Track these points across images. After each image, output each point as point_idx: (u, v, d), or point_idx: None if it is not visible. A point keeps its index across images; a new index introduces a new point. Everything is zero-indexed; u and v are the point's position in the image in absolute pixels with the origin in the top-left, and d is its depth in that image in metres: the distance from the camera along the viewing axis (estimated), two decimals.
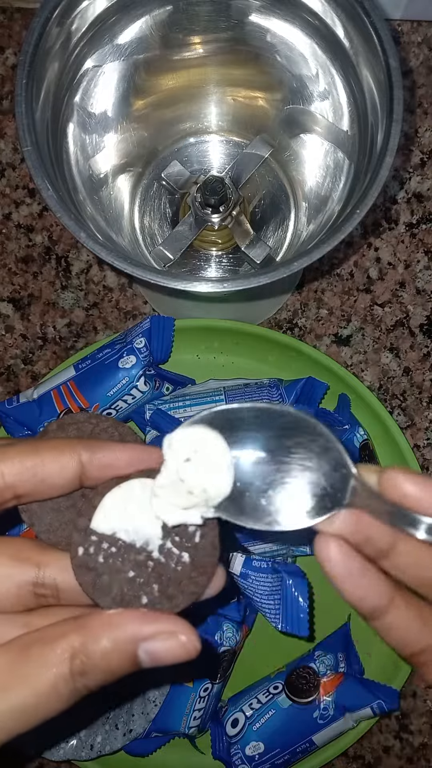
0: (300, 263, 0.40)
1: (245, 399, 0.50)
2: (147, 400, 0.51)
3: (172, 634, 0.23)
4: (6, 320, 0.60)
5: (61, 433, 0.27)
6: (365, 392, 0.52)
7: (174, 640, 0.23)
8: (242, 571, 0.44)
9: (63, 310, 0.59)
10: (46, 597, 0.25)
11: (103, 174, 0.52)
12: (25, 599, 0.25)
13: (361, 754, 0.55)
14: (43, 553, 0.25)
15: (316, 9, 0.45)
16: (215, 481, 0.23)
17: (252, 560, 0.44)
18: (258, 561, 0.44)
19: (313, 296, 0.59)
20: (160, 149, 0.56)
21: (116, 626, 0.23)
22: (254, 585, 0.44)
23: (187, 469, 0.23)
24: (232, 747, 0.48)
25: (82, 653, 0.22)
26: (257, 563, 0.44)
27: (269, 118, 0.54)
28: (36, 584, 0.25)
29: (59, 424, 0.28)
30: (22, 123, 0.41)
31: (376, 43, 0.42)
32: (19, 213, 0.60)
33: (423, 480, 0.23)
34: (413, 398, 0.58)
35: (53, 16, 0.42)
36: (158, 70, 0.52)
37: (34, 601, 0.25)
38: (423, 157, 0.60)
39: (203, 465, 0.23)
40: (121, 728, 0.47)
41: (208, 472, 0.23)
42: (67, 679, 0.22)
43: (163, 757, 0.50)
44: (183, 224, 0.53)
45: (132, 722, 0.47)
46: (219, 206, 0.51)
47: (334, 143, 0.49)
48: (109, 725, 0.47)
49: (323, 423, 0.24)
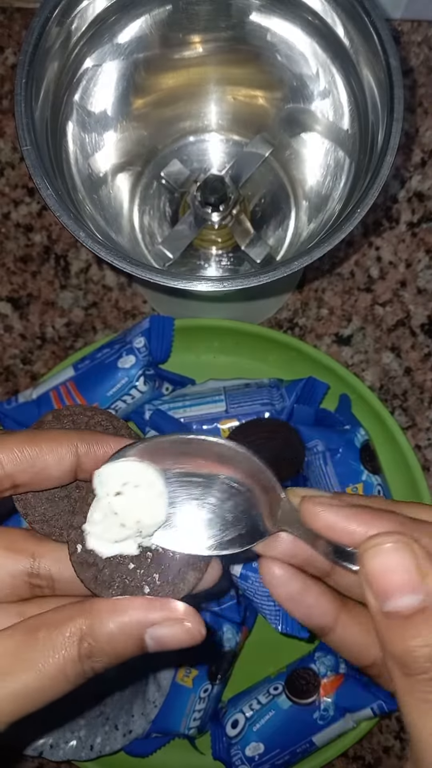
0: (300, 262, 0.40)
1: (245, 399, 0.50)
2: (146, 400, 0.51)
3: (178, 620, 0.23)
4: (5, 320, 0.59)
5: (57, 424, 0.27)
6: (366, 392, 0.52)
7: (179, 626, 0.23)
8: (242, 573, 0.44)
9: (62, 310, 0.59)
10: (41, 587, 0.25)
11: (103, 173, 0.52)
12: (19, 589, 0.25)
13: (362, 754, 0.55)
14: (38, 544, 0.26)
15: (317, 8, 0.45)
16: (148, 512, 0.24)
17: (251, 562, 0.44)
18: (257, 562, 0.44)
19: (313, 296, 0.59)
20: (160, 148, 0.56)
21: (122, 611, 0.23)
22: (254, 586, 0.44)
23: (119, 503, 0.24)
24: (232, 747, 0.48)
25: (90, 636, 0.23)
26: (257, 564, 0.44)
27: (269, 116, 0.54)
28: (31, 574, 0.25)
29: (55, 414, 0.28)
30: (21, 122, 0.40)
31: (377, 43, 0.42)
32: (18, 212, 0.60)
33: (337, 510, 0.22)
34: (414, 398, 0.58)
35: (53, 16, 0.42)
36: (158, 69, 0.52)
37: (29, 591, 0.25)
38: (424, 156, 0.60)
39: (135, 497, 0.24)
40: (120, 729, 0.47)
41: (141, 503, 0.24)
42: (75, 661, 0.22)
43: (163, 758, 0.50)
44: (183, 223, 0.53)
45: (132, 723, 0.47)
46: (219, 205, 0.51)
47: (334, 142, 0.49)
48: (108, 726, 0.47)
49: (252, 452, 0.24)
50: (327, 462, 0.48)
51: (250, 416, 0.49)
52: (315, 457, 0.48)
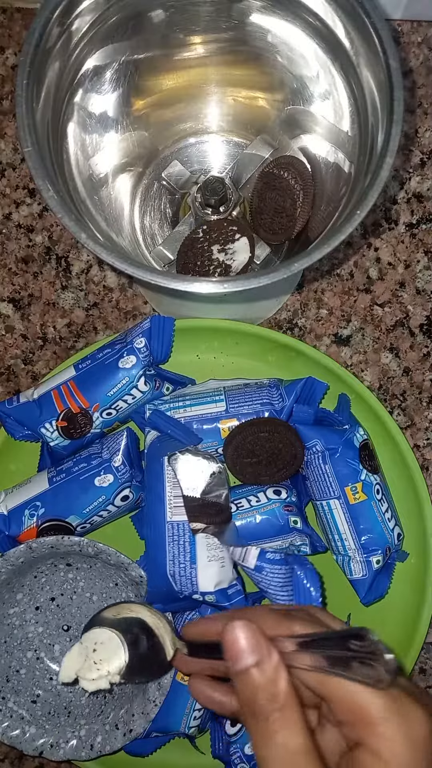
0: (300, 264, 0.40)
1: (245, 399, 0.50)
2: (147, 400, 0.51)
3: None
4: (6, 320, 0.60)
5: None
6: (365, 392, 0.52)
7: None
8: (257, 564, 0.44)
9: (63, 310, 0.59)
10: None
11: (104, 174, 0.52)
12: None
13: None
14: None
15: (317, 9, 0.45)
16: (114, 662, 0.35)
17: (266, 552, 0.45)
18: (272, 553, 0.45)
19: (313, 296, 0.59)
20: (161, 149, 0.56)
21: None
22: (269, 577, 0.44)
23: (95, 656, 0.35)
24: (231, 746, 0.48)
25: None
26: (271, 555, 0.44)
27: (270, 118, 0.54)
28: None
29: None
30: (22, 123, 0.41)
31: (377, 44, 0.42)
32: (20, 213, 0.60)
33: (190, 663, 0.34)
34: (413, 398, 0.58)
35: (54, 16, 0.42)
36: (159, 70, 0.52)
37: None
38: (423, 158, 0.60)
39: (105, 653, 0.35)
40: (121, 728, 0.47)
41: (109, 657, 0.35)
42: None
43: (163, 757, 0.51)
44: (183, 224, 0.53)
45: (132, 722, 0.47)
46: (219, 206, 0.51)
47: (334, 144, 0.49)
48: (109, 725, 0.48)
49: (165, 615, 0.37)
50: (326, 461, 0.48)
51: (250, 416, 0.49)
52: (314, 456, 0.49)
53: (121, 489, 0.48)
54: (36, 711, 0.49)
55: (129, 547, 0.51)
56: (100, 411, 0.49)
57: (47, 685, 0.50)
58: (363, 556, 0.48)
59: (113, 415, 0.50)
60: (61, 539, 0.46)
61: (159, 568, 0.45)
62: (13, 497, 0.49)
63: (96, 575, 0.50)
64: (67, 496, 0.48)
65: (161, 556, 0.45)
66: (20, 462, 0.53)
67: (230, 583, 0.45)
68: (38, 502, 0.48)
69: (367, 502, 0.48)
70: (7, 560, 0.46)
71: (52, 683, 0.50)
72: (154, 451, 0.48)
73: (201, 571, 0.44)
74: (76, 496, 0.48)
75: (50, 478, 0.49)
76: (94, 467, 0.48)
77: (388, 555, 0.49)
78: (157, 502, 0.46)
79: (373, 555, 0.48)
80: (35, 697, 0.50)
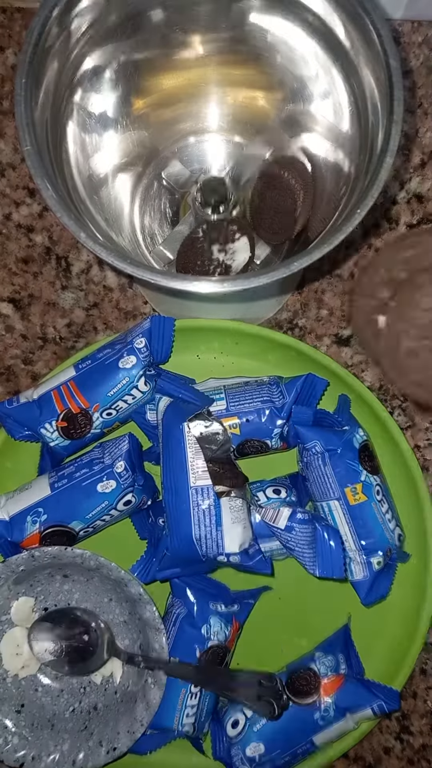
0: (300, 263, 0.40)
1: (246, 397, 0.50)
2: (147, 400, 0.51)
3: None
4: (6, 320, 0.60)
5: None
6: (365, 392, 0.52)
7: None
8: (287, 525, 0.46)
9: (63, 311, 0.59)
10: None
11: (103, 174, 0.52)
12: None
13: (362, 755, 0.55)
14: None
15: (317, 9, 0.45)
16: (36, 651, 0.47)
17: (297, 512, 0.46)
18: (302, 513, 0.46)
19: (313, 296, 0.59)
20: (160, 149, 0.56)
21: None
22: (297, 536, 0.46)
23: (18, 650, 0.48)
24: (232, 748, 0.48)
25: None
26: (301, 515, 0.46)
27: (269, 118, 0.54)
28: None
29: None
30: (21, 122, 0.41)
31: (377, 44, 0.42)
32: (20, 213, 0.60)
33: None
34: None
35: (53, 16, 0.42)
36: (158, 69, 0.52)
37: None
38: (423, 158, 0.60)
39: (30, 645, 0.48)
40: (105, 746, 0.47)
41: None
42: None
43: (163, 758, 0.50)
44: (183, 224, 0.53)
45: (117, 740, 0.46)
46: (219, 206, 0.51)
47: (334, 143, 0.49)
48: (93, 742, 0.47)
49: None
50: (326, 462, 0.48)
51: (251, 413, 0.49)
52: (314, 457, 0.49)
53: (123, 494, 0.48)
54: (20, 721, 0.48)
55: (129, 547, 0.51)
56: (100, 411, 0.49)
57: (32, 696, 0.50)
58: (363, 558, 0.48)
59: (113, 416, 0.50)
60: (64, 550, 0.46)
61: (183, 533, 0.46)
62: (14, 503, 0.49)
63: (92, 589, 0.50)
64: (70, 502, 0.48)
65: (185, 522, 0.46)
66: (17, 460, 0.53)
67: (250, 544, 0.46)
68: (40, 508, 0.48)
69: (367, 503, 0.47)
70: (8, 566, 0.46)
71: (37, 695, 0.50)
72: (171, 417, 0.48)
73: (227, 533, 0.45)
74: (78, 502, 0.48)
75: (52, 483, 0.49)
76: (97, 473, 0.48)
77: (389, 556, 0.48)
78: (179, 469, 0.46)
79: (373, 556, 0.47)
80: (20, 707, 0.49)
